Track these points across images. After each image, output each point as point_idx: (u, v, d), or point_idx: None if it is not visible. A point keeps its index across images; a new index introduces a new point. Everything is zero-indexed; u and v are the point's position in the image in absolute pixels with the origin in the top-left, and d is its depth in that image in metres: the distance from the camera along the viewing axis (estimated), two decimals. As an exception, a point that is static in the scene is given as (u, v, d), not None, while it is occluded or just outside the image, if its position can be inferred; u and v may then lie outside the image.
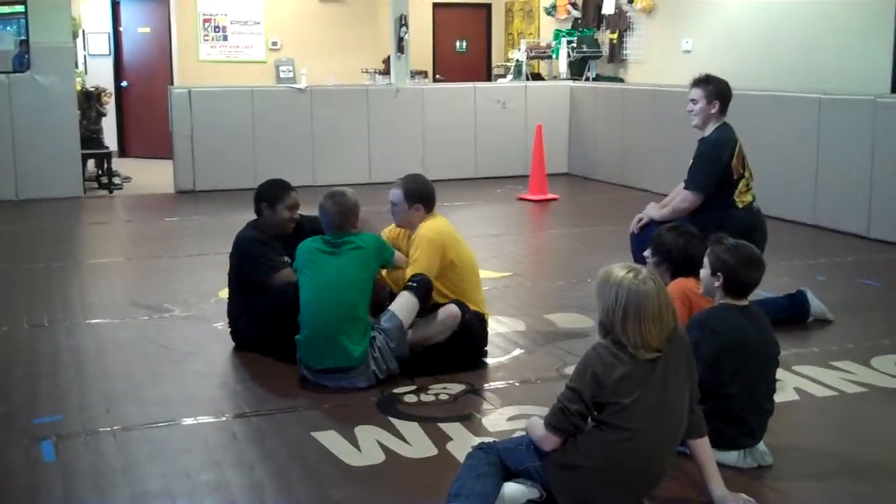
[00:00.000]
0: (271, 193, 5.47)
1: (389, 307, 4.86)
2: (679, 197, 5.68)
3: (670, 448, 3.35)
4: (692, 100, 5.66)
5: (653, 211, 5.77)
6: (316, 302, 4.76)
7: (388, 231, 5.54)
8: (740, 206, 5.56)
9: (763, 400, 3.80)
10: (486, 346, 5.28)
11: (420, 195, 5.26)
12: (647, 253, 4.78)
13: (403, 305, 4.84)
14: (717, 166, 5.53)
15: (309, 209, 5.28)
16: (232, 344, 5.35)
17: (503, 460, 3.45)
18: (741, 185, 5.56)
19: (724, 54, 10.90)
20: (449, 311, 4.98)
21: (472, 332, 5.09)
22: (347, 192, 5.13)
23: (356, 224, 5.04)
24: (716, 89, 5.61)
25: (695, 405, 3.41)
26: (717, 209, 5.43)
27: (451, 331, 4.95)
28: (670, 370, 3.27)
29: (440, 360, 4.98)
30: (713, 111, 5.61)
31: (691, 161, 5.71)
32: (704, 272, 3.94)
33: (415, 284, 4.90)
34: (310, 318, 4.76)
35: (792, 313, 5.72)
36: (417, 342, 4.92)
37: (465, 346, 5.08)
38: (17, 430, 4.22)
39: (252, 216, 5.64)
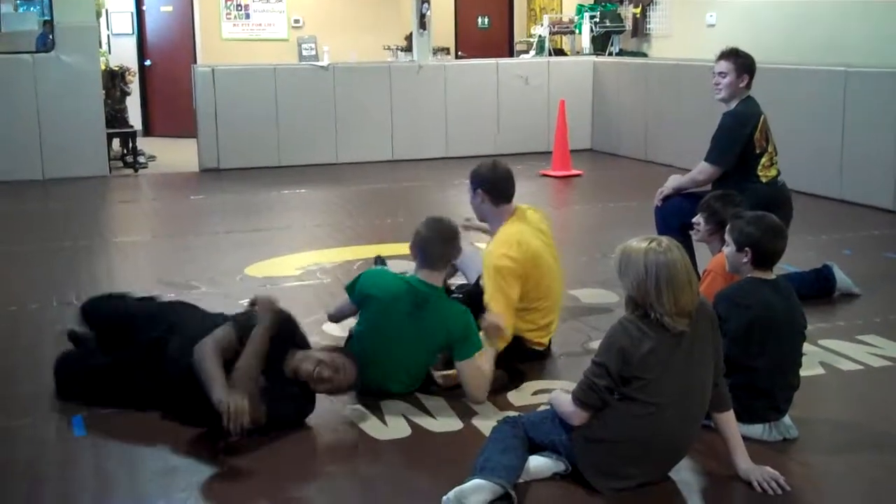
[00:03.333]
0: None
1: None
2: (697, 168, 5.66)
3: (695, 422, 3.36)
4: (720, 73, 5.59)
5: (673, 182, 5.75)
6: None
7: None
8: (764, 180, 5.52)
9: (789, 374, 3.80)
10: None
11: (482, 179, 4.49)
12: (697, 219, 4.78)
13: None
14: (737, 139, 5.50)
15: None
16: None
17: (528, 434, 3.47)
18: (764, 159, 5.52)
19: (748, 28, 10.81)
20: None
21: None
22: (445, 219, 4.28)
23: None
24: (745, 62, 5.56)
25: (720, 379, 3.42)
26: (740, 183, 5.37)
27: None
28: (696, 345, 3.28)
29: None
30: (742, 84, 5.56)
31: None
32: (729, 249, 3.91)
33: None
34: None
35: (818, 287, 5.70)
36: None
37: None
38: (48, 406, 4.28)
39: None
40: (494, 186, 4.53)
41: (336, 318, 4.62)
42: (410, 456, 3.78)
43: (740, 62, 5.55)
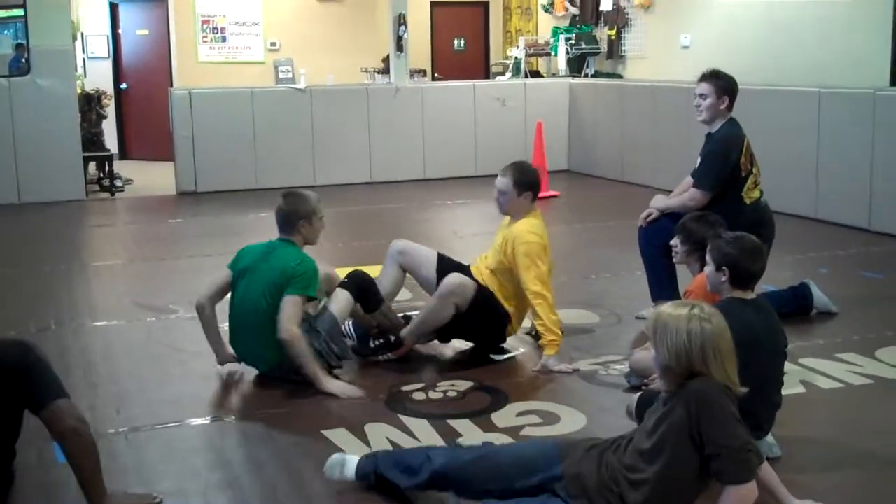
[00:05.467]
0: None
1: (328, 307, 4.90)
2: (688, 195, 5.62)
3: None
4: (701, 94, 5.59)
5: (659, 203, 5.76)
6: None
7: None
8: (748, 202, 5.52)
9: (771, 393, 3.81)
10: (501, 342, 5.28)
11: (530, 184, 5.14)
12: (675, 241, 4.80)
13: (337, 299, 4.92)
14: (726, 164, 5.50)
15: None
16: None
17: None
18: (749, 181, 5.54)
19: (722, 49, 10.91)
20: (448, 282, 4.98)
21: (488, 317, 5.11)
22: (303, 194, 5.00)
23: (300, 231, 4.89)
24: (725, 84, 5.57)
25: None
26: (725, 206, 5.35)
27: (452, 303, 4.94)
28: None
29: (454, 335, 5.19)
30: (722, 106, 5.57)
31: (699, 158, 5.67)
32: (709, 269, 3.93)
33: (346, 280, 4.99)
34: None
35: (795, 306, 5.74)
36: (425, 323, 5.05)
37: (477, 329, 5.13)
38: (30, 432, 4.22)
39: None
40: (539, 189, 5.24)
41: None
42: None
43: (720, 84, 5.57)
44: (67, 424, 3.30)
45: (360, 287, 5.05)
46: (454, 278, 5.00)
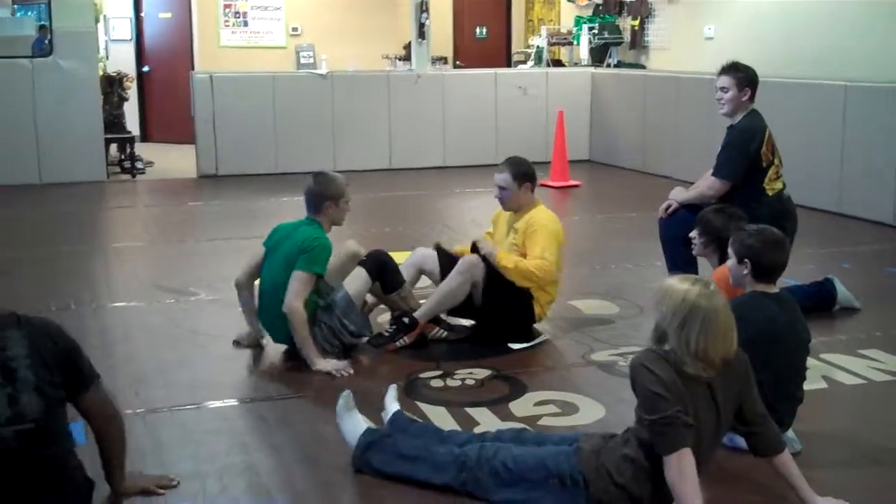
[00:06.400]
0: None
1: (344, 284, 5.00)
2: (706, 183, 5.60)
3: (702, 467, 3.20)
4: (722, 87, 5.53)
5: (678, 194, 5.72)
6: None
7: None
8: (770, 193, 5.47)
9: (793, 387, 3.78)
10: (533, 322, 5.29)
11: (528, 175, 5.30)
12: (693, 234, 4.76)
13: (355, 277, 5.02)
14: (745, 154, 5.45)
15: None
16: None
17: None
18: (771, 172, 5.49)
19: (746, 41, 10.82)
20: (466, 259, 5.12)
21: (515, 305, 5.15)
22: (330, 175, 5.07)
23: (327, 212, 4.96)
24: (746, 76, 5.51)
25: (766, 420, 3.30)
26: (746, 197, 5.31)
27: (468, 282, 5.04)
28: (717, 393, 3.14)
29: (485, 326, 5.27)
30: (744, 98, 5.51)
31: (720, 148, 5.65)
32: (731, 262, 3.90)
33: (365, 258, 5.10)
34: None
35: (819, 300, 5.69)
36: (440, 303, 5.12)
37: (500, 311, 5.16)
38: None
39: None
40: (536, 179, 5.43)
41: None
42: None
43: (741, 76, 5.51)
44: (110, 409, 3.29)
45: (379, 266, 5.10)
46: (471, 257, 5.11)
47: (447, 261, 5.36)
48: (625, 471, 3.14)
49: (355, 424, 3.70)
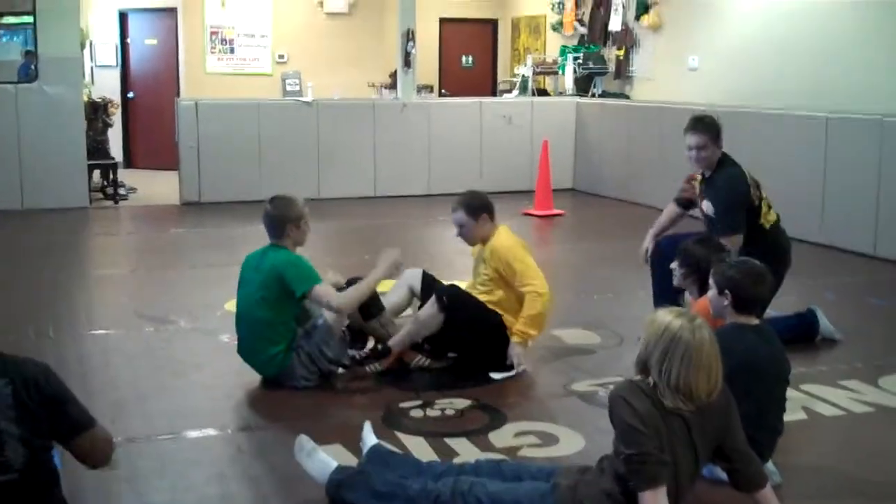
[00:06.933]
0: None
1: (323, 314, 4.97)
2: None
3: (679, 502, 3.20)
4: (698, 147, 5.36)
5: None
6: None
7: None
8: (767, 226, 5.45)
9: (773, 419, 3.78)
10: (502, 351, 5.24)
11: (481, 206, 5.30)
12: (674, 265, 4.76)
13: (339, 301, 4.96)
14: (741, 202, 5.33)
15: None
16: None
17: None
18: (763, 207, 5.46)
19: (730, 72, 10.90)
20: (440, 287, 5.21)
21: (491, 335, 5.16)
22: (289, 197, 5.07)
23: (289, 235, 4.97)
24: (716, 127, 5.38)
25: (749, 456, 3.29)
26: (747, 238, 5.23)
27: (441, 312, 5.04)
28: (694, 431, 3.12)
29: (451, 349, 5.28)
30: (719, 151, 5.42)
31: (707, 202, 5.46)
32: (712, 293, 3.91)
33: (345, 286, 5.11)
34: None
35: (801, 332, 5.69)
36: (414, 332, 5.14)
37: (472, 341, 5.18)
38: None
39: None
40: (492, 208, 5.35)
41: None
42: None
43: (714, 130, 5.37)
44: (107, 452, 3.06)
45: (358, 294, 5.04)
46: (447, 285, 5.21)
47: (428, 285, 5.39)
48: None
49: (321, 463, 3.66)
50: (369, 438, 3.81)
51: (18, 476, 2.76)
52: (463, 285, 5.38)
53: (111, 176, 11.79)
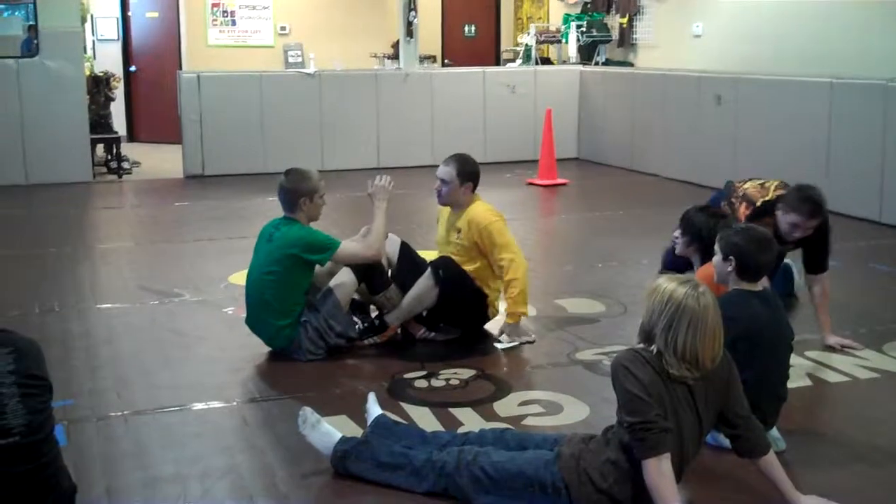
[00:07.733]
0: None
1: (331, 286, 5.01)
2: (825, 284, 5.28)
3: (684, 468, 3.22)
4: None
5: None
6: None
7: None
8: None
9: (777, 386, 3.78)
10: (487, 321, 5.34)
11: (472, 175, 5.31)
12: (676, 233, 4.73)
13: (341, 278, 5.02)
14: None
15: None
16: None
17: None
18: (750, 186, 5.32)
19: (734, 38, 10.83)
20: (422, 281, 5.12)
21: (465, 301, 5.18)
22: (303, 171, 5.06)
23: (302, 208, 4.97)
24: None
25: (751, 422, 3.29)
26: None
27: (435, 286, 5.05)
28: (698, 396, 3.14)
29: (440, 321, 5.28)
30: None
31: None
32: (716, 258, 3.90)
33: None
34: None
35: (781, 286, 5.64)
36: (410, 307, 5.14)
37: (461, 314, 5.25)
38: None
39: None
40: (478, 180, 5.37)
41: None
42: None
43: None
44: None
45: (366, 268, 5.09)
46: (440, 257, 5.23)
47: (406, 256, 5.42)
48: (607, 475, 3.13)
49: (325, 435, 3.66)
50: (374, 409, 3.82)
51: (20, 439, 2.82)
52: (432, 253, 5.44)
53: (114, 150, 11.78)
